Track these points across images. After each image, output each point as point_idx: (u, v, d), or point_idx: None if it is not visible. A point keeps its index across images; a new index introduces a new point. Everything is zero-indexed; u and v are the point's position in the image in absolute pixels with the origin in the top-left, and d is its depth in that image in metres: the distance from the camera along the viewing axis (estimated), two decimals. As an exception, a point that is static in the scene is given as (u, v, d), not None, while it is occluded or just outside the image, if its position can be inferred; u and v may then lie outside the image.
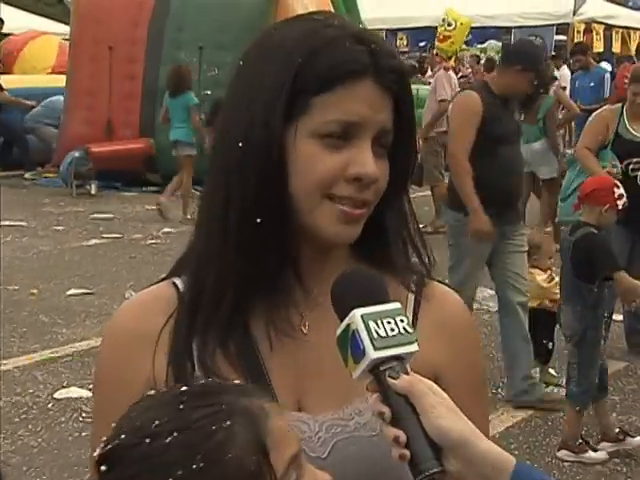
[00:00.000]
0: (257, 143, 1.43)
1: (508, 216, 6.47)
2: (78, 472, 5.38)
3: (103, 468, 1.21)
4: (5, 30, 21.21)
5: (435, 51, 18.18)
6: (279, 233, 1.44)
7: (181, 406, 1.23)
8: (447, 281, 4.66)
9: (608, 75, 13.85)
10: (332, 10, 11.36)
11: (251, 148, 1.43)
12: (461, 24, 17.95)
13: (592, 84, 13.11)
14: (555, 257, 6.91)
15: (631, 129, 7.28)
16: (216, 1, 14.02)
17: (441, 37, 18.28)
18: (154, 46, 14.67)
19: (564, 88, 14.93)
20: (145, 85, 14.84)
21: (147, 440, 1.19)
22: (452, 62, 17.05)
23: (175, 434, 1.18)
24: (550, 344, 6.88)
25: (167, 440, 1.18)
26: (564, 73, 16.80)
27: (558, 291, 6.56)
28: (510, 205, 6.58)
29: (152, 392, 1.31)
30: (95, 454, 1.24)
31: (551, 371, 6.97)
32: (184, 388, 1.28)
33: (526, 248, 6.62)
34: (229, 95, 1.52)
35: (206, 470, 1.16)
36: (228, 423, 1.19)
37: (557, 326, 6.65)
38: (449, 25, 18.13)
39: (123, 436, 1.21)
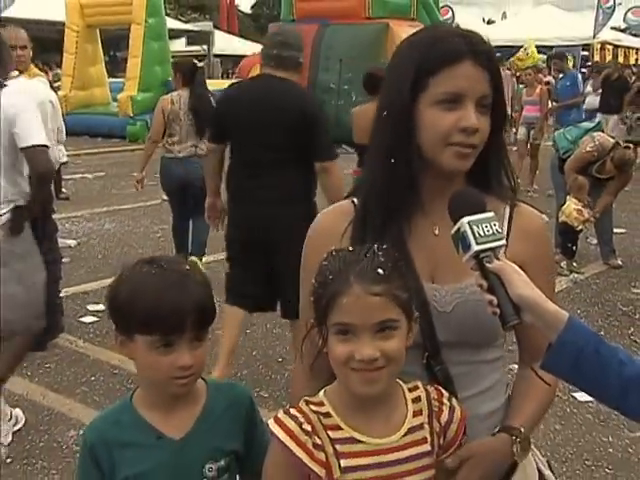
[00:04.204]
0: (395, 112, 1.42)
1: None
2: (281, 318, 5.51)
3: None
4: (241, 53, 22.10)
5: (511, 63, 17.89)
6: (410, 170, 1.42)
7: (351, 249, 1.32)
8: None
9: (580, 76, 12.43)
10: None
11: (391, 116, 1.43)
12: (532, 53, 17.94)
13: (568, 83, 11.68)
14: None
15: None
16: (350, 30, 13.81)
17: (518, 57, 18.12)
18: (315, 59, 14.64)
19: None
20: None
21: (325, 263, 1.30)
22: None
23: None
24: (574, 246, 6.76)
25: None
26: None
27: (576, 223, 6.44)
28: None
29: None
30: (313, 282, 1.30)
31: (574, 264, 6.79)
32: (353, 248, 1.34)
33: None
34: (382, 84, 1.50)
35: None
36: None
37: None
38: (524, 50, 18.11)
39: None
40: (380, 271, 1.26)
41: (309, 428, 1.27)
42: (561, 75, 11.63)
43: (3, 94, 3.35)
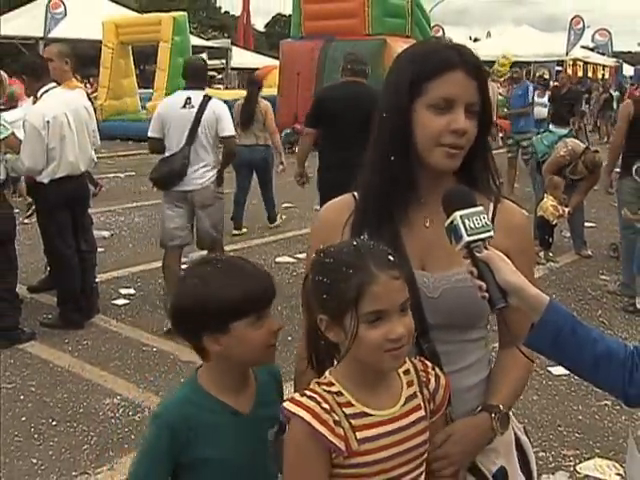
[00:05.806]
0: (393, 115, 1.39)
1: None
2: (290, 300, 5.48)
3: (314, 276, 1.26)
4: (255, 66, 21.82)
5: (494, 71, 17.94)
6: (406, 166, 1.39)
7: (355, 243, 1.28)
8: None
9: (531, 87, 11.20)
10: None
11: (390, 118, 1.40)
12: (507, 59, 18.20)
13: (520, 92, 10.83)
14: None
15: None
16: (352, 46, 13.47)
17: (500, 63, 18.57)
18: (320, 71, 14.51)
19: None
20: (315, 93, 14.81)
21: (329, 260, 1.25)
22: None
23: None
24: (550, 239, 6.72)
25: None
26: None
27: (552, 218, 6.40)
28: None
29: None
30: (307, 270, 1.29)
31: (550, 254, 6.75)
32: (354, 242, 1.29)
33: None
34: (382, 90, 1.46)
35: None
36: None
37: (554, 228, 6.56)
38: (504, 58, 18.51)
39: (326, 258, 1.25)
40: (390, 257, 1.24)
41: (327, 406, 1.24)
42: (515, 85, 11.33)
43: (212, 102, 4.90)
